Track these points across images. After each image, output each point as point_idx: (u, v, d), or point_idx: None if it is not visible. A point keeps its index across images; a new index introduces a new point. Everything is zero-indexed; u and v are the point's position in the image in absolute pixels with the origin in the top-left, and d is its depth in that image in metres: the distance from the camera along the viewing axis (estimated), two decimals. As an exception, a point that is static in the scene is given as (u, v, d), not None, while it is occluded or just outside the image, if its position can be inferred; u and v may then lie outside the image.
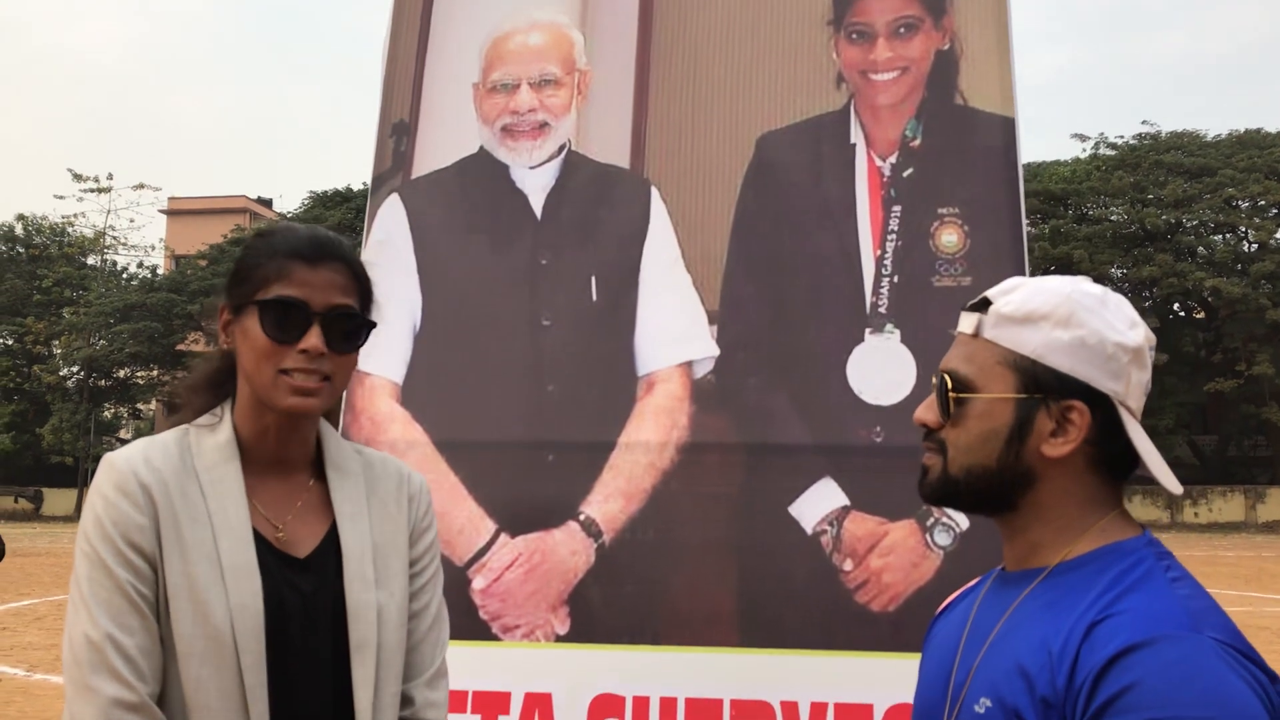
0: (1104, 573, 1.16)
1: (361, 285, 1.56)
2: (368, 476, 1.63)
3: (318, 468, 1.60)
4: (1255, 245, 37.95)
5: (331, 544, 1.54)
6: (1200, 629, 1.06)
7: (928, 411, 1.29)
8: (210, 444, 1.51)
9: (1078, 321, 1.20)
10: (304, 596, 1.49)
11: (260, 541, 1.48)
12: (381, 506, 1.61)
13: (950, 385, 1.25)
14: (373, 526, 1.58)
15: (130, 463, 1.46)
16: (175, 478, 1.46)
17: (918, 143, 2.77)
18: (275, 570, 1.48)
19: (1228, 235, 38.61)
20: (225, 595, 1.42)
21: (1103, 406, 1.19)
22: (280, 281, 1.48)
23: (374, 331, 1.57)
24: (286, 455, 1.56)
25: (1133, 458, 1.21)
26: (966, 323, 1.28)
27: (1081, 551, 1.19)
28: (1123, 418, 1.19)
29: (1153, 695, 1.02)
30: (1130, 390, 1.20)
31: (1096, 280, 1.26)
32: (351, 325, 1.52)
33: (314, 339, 1.47)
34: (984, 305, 1.27)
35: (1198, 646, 1.04)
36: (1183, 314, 40.03)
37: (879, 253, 2.71)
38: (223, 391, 1.58)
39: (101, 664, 1.37)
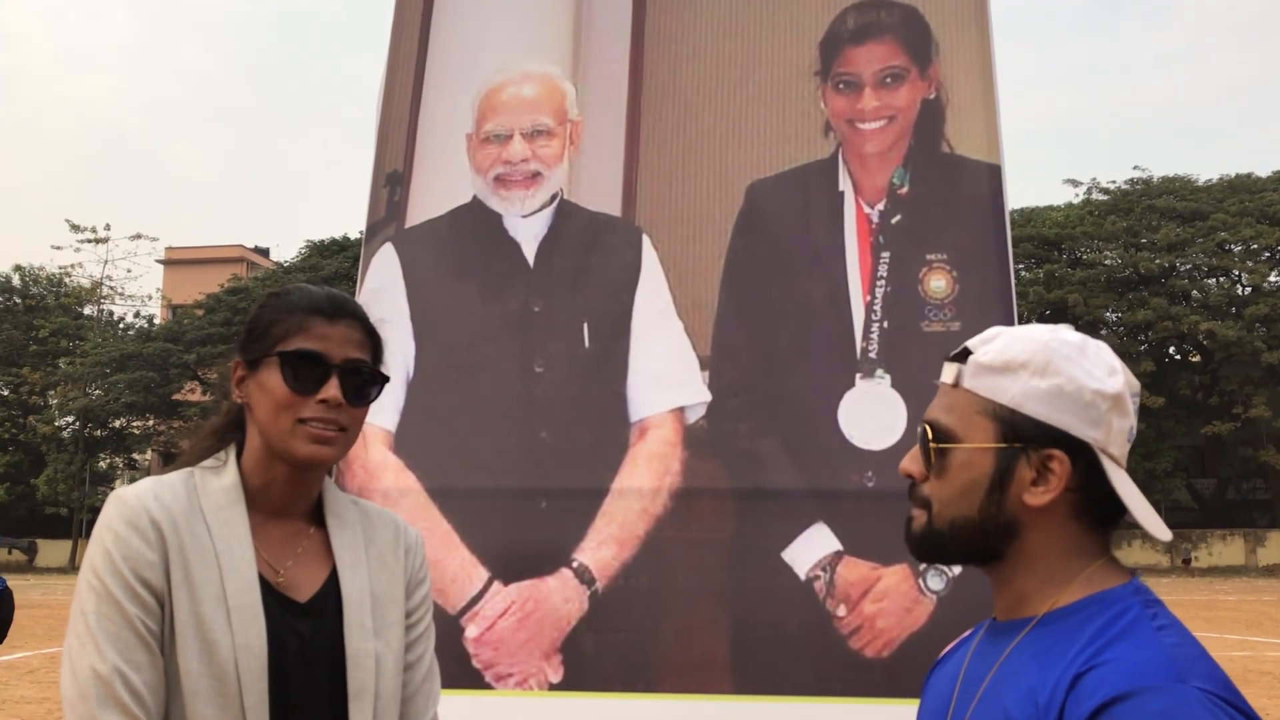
0: (1090, 622, 1.15)
1: (373, 343, 1.61)
2: (365, 527, 1.65)
3: (316, 515, 1.62)
4: (1249, 289, 38.15)
5: (331, 591, 1.55)
6: (1185, 679, 1.05)
7: (912, 463, 1.29)
8: (216, 486, 1.54)
9: (1054, 369, 1.19)
10: (303, 641, 1.50)
11: (262, 584, 1.49)
12: (379, 557, 1.63)
13: (931, 436, 1.26)
14: (371, 576, 1.60)
15: (141, 499, 1.47)
16: (184, 517, 1.48)
17: (905, 190, 2.80)
18: (277, 613, 1.49)
19: (1221, 279, 38.82)
20: (231, 635, 1.43)
21: (1084, 454, 1.19)
22: (300, 335, 1.54)
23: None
24: (290, 505, 1.58)
25: (1119, 505, 1.20)
26: (948, 373, 1.28)
27: (1068, 601, 1.19)
28: (1105, 465, 1.19)
29: None
30: (1112, 438, 1.19)
31: (1091, 325, 1.27)
32: (365, 379, 1.57)
33: (333, 389, 1.51)
34: (964, 355, 1.27)
35: (1182, 697, 1.03)
36: (1178, 357, 40.03)
37: (868, 298, 2.73)
38: (226, 439, 1.60)
39: (110, 699, 1.37)
